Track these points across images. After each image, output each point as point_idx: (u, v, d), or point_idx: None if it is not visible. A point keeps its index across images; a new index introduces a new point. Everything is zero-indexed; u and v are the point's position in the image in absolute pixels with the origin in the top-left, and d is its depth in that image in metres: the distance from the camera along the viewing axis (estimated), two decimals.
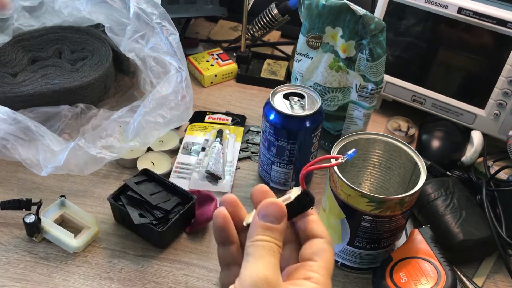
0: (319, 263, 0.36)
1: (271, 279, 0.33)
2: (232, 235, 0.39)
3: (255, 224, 0.36)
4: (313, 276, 0.35)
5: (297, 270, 0.36)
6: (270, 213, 0.36)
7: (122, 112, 0.71)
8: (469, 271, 0.62)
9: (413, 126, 0.82)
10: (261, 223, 0.35)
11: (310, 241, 0.38)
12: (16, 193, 0.68)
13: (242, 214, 0.40)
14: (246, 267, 0.34)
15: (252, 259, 0.34)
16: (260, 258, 0.34)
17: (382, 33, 0.64)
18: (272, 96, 0.65)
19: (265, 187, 0.40)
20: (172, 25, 0.73)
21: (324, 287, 0.35)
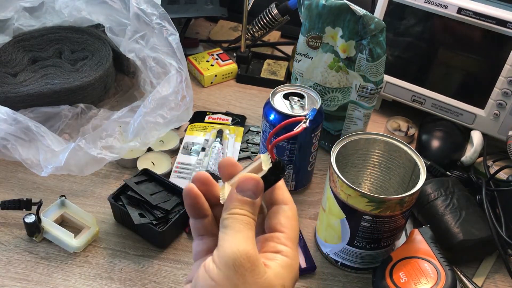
0: (286, 234, 0.37)
1: (251, 253, 0.33)
2: (205, 209, 0.39)
3: (232, 197, 0.36)
4: (283, 249, 0.36)
5: (266, 242, 0.37)
6: (248, 188, 0.36)
7: (122, 112, 0.71)
8: (469, 271, 0.62)
9: (413, 126, 0.82)
10: (239, 197, 0.36)
11: (275, 208, 0.39)
12: (16, 193, 0.69)
13: (215, 191, 0.40)
14: (225, 239, 0.34)
15: (231, 232, 0.34)
16: (239, 231, 0.34)
17: (382, 33, 0.64)
18: (272, 96, 0.65)
19: (233, 160, 0.40)
20: (172, 26, 0.73)
21: (293, 259, 0.36)
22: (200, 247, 0.39)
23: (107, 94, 0.80)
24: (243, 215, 0.35)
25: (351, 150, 0.61)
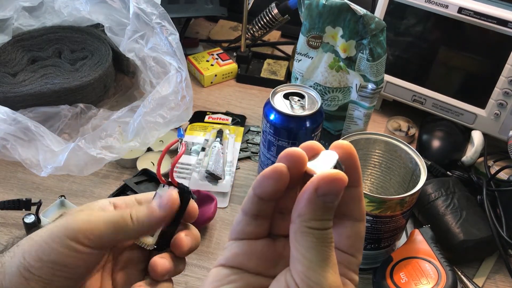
0: (358, 260, 0.31)
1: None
2: (278, 193, 0.30)
3: (311, 201, 0.28)
4: (354, 278, 0.31)
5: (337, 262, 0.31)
6: (333, 191, 0.28)
7: (122, 112, 0.70)
8: (469, 271, 0.62)
9: (414, 126, 0.82)
10: (321, 203, 0.28)
11: (350, 225, 0.31)
12: (16, 193, 0.68)
13: (300, 171, 0.30)
14: (313, 270, 0.28)
15: (318, 260, 0.28)
16: (327, 259, 0.28)
17: (382, 33, 0.64)
18: (272, 96, 0.64)
19: (317, 144, 0.31)
20: (172, 25, 0.73)
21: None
22: (252, 228, 0.32)
23: (106, 94, 0.80)
24: (326, 229, 0.28)
25: None
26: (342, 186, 0.28)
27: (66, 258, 0.35)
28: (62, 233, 0.35)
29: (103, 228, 0.36)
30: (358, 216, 0.31)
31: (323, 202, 0.28)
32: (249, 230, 0.32)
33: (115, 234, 0.36)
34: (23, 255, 0.35)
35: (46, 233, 0.35)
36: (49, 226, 0.36)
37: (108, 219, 0.36)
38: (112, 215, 0.37)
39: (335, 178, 0.27)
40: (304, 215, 0.28)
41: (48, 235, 0.35)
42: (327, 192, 0.27)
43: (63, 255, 0.35)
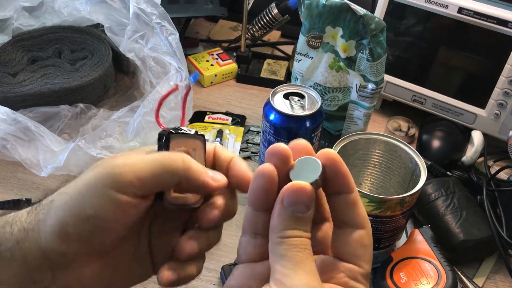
0: (364, 269, 0.30)
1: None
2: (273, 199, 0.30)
3: (281, 214, 0.29)
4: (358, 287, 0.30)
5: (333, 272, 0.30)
6: (300, 200, 0.28)
7: (122, 112, 0.70)
8: (469, 271, 0.62)
9: (414, 126, 0.82)
10: (289, 213, 0.29)
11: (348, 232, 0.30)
12: (16, 193, 0.68)
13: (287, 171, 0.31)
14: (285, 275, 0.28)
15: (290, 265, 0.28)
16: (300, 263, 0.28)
17: (382, 33, 0.64)
18: (272, 96, 0.64)
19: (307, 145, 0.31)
20: (172, 25, 0.73)
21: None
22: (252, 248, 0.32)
23: (106, 94, 0.80)
24: (298, 236, 0.28)
25: (351, 150, 0.61)
26: (307, 196, 0.28)
27: (106, 211, 0.30)
28: (100, 182, 0.30)
29: (147, 169, 0.30)
30: (358, 223, 0.31)
31: (292, 212, 0.29)
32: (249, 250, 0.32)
33: (161, 177, 0.31)
34: (57, 212, 0.30)
35: (82, 184, 0.30)
36: (84, 176, 0.31)
37: (154, 159, 0.31)
38: (159, 154, 0.32)
39: (297, 188, 0.28)
40: (276, 227, 0.29)
41: (84, 185, 0.30)
42: (293, 202, 0.28)
43: (102, 208, 0.30)
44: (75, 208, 0.30)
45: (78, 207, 0.30)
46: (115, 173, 0.30)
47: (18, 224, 0.30)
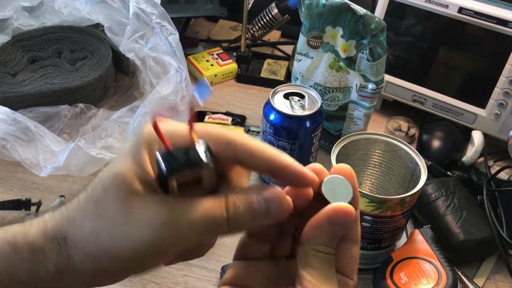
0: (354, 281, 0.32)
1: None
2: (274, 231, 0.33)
3: (322, 229, 0.30)
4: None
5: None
6: (341, 222, 0.30)
7: (122, 112, 0.70)
8: (469, 271, 0.62)
9: (414, 126, 0.82)
10: (330, 231, 0.30)
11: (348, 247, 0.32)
12: (16, 193, 0.68)
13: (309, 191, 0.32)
14: (316, 286, 0.30)
15: (322, 279, 0.30)
16: (331, 279, 0.30)
17: (382, 33, 0.64)
18: (272, 96, 0.64)
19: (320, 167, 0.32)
20: (172, 25, 0.73)
21: None
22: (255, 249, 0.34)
23: (106, 94, 0.80)
24: (330, 254, 0.31)
25: (352, 150, 0.61)
26: (351, 219, 0.30)
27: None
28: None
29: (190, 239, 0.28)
30: (355, 239, 0.32)
31: (331, 230, 0.30)
32: (252, 251, 0.33)
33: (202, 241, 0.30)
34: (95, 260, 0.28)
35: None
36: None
37: (197, 227, 0.28)
38: (203, 219, 0.28)
39: (347, 212, 0.30)
40: (314, 239, 0.30)
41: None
42: (337, 223, 0.30)
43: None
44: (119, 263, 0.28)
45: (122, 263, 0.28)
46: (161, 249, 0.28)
47: (52, 264, 0.28)
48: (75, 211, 0.28)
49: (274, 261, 0.34)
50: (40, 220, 0.29)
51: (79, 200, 0.29)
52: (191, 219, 0.27)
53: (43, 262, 0.28)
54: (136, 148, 0.28)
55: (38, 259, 0.28)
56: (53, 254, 0.28)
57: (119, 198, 0.27)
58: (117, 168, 0.28)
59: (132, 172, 0.27)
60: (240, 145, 0.29)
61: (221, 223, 0.28)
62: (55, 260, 0.28)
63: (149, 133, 0.28)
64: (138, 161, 0.27)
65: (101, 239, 0.27)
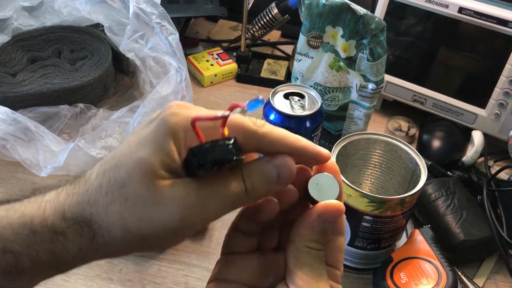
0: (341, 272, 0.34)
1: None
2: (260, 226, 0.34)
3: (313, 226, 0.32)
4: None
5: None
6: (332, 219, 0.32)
7: (122, 112, 0.70)
8: (469, 271, 0.62)
9: (414, 126, 0.82)
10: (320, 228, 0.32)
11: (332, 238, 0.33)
12: (16, 193, 0.68)
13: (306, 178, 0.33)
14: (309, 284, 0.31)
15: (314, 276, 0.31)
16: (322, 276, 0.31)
17: (382, 33, 0.64)
18: (272, 96, 0.64)
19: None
20: (172, 25, 0.73)
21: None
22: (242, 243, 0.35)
23: (106, 94, 0.80)
24: (320, 250, 0.32)
25: (352, 150, 0.61)
26: (341, 216, 0.32)
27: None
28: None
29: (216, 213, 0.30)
30: (340, 230, 0.34)
31: (322, 227, 0.32)
32: (239, 245, 0.35)
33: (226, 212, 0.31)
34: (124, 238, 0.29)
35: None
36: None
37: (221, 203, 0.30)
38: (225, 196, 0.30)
39: (337, 209, 0.32)
40: (304, 236, 0.32)
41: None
42: (328, 220, 0.32)
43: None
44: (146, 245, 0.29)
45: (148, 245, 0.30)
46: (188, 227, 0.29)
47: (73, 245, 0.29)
48: (97, 195, 0.29)
49: (262, 254, 0.35)
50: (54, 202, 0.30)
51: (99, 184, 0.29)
52: (217, 197, 0.29)
53: (64, 245, 0.28)
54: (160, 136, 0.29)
55: (59, 241, 0.28)
56: (75, 237, 0.29)
57: (145, 183, 0.28)
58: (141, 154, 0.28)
59: (157, 158, 0.28)
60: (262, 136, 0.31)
61: (241, 195, 0.30)
62: (78, 242, 0.29)
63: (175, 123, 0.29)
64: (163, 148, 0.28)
65: (129, 222, 0.28)
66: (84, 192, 0.29)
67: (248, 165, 0.31)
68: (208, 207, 0.29)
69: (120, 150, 0.30)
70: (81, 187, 0.30)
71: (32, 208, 0.29)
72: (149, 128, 0.29)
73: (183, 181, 0.29)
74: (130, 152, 0.29)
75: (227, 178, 0.30)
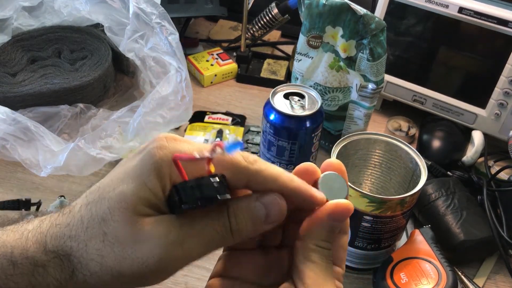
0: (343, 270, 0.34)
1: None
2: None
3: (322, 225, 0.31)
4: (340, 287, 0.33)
5: None
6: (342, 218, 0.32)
7: (122, 112, 0.70)
8: (470, 271, 0.62)
9: (414, 126, 0.82)
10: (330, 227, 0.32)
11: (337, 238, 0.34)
12: (16, 193, 0.68)
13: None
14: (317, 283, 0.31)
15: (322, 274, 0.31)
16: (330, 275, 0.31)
17: (382, 33, 0.64)
18: (272, 96, 0.64)
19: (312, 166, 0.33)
20: (172, 25, 0.73)
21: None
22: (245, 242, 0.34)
23: (106, 94, 0.80)
24: (328, 249, 0.32)
25: (352, 150, 0.61)
26: (349, 215, 0.32)
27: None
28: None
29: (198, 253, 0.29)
30: (345, 229, 0.34)
31: (331, 226, 0.32)
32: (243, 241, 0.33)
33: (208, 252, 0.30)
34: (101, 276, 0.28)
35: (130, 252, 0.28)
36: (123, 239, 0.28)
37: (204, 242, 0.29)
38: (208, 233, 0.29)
39: (346, 209, 0.31)
40: (315, 235, 0.32)
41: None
42: (338, 219, 0.32)
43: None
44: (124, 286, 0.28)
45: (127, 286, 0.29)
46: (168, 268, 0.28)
47: (53, 280, 0.28)
48: (78, 229, 0.28)
49: (264, 251, 0.35)
50: (36, 232, 0.29)
51: (81, 217, 0.28)
52: (200, 237, 0.28)
53: (44, 277, 0.28)
54: (144, 170, 0.28)
55: (38, 274, 0.28)
56: (56, 270, 0.28)
57: (126, 219, 0.27)
58: (124, 189, 0.28)
59: (139, 194, 0.28)
60: (253, 173, 0.30)
61: (226, 236, 0.29)
62: (57, 276, 0.28)
63: (161, 158, 0.28)
64: (146, 184, 0.28)
65: (107, 259, 0.27)
66: (66, 224, 0.29)
67: (235, 202, 0.30)
68: (189, 247, 0.28)
69: (104, 182, 0.29)
70: (64, 218, 0.29)
71: (14, 237, 0.29)
72: (134, 161, 0.29)
73: (165, 218, 0.28)
74: (113, 186, 0.28)
75: (211, 216, 0.29)
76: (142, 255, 0.27)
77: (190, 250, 0.28)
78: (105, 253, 0.27)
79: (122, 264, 0.27)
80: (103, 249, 0.27)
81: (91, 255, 0.28)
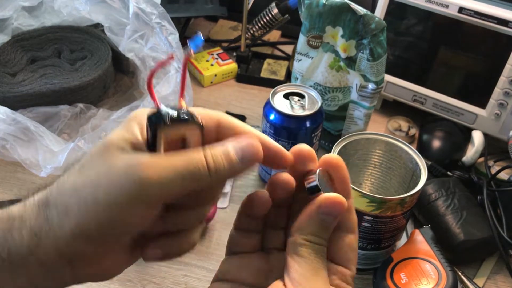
0: (352, 272, 0.32)
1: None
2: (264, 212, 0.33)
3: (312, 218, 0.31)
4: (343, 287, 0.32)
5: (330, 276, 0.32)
6: (334, 213, 0.31)
7: (122, 112, 0.70)
8: (470, 271, 0.62)
9: (414, 126, 0.82)
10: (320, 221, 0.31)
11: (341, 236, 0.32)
12: (15, 193, 0.68)
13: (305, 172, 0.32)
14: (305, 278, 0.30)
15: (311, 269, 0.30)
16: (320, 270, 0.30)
17: (382, 33, 0.64)
18: (272, 96, 0.64)
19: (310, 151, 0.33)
20: (172, 25, 0.73)
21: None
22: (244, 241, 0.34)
23: (106, 94, 0.80)
24: (320, 244, 0.31)
25: (352, 150, 0.61)
26: (343, 210, 0.31)
27: (132, 220, 0.28)
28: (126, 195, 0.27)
29: (177, 184, 0.28)
30: (350, 227, 0.32)
31: (321, 220, 0.31)
32: (242, 244, 0.34)
33: (186, 189, 0.29)
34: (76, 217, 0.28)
35: (103, 191, 0.27)
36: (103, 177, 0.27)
37: (178, 170, 0.28)
38: (183, 163, 0.28)
39: (338, 202, 0.31)
40: (303, 228, 0.31)
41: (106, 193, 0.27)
42: (328, 213, 0.31)
43: (129, 218, 0.28)
44: (98, 215, 0.27)
45: (102, 215, 0.27)
46: (143, 190, 0.27)
47: (28, 229, 0.28)
48: (58, 178, 0.29)
49: (266, 254, 0.35)
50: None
51: (66, 170, 0.30)
52: (175, 164, 0.28)
53: (18, 229, 0.28)
54: (126, 121, 0.30)
55: (12, 226, 0.28)
56: (30, 218, 0.29)
57: (102, 152, 0.28)
58: (107, 137, 0.29)
59: (120, 136, 0.29)
60: (223, 119, 0.32)
61: (202, 170, 0.28)
62: (31, 224, 0.28)
63: (140, 111, 0.30)
64: (126, 128, 0.29)
65: (81, 192, 0.27)
66: (50, 182, 0.30)
67: (210, 145, 0.30)
68: (164, 175, 0.27)
69: None
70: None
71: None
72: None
73: (143, 152, 0.29)
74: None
75: (187, 154, 0.29)
76: (118, 178, 0.27)
77: (168, 178, 0.27)
78: (81, 186, 0.27)
79: (98, 195, 0.27)
80: (79, 183, 0.28)
81: (66, 194, 0.28)
